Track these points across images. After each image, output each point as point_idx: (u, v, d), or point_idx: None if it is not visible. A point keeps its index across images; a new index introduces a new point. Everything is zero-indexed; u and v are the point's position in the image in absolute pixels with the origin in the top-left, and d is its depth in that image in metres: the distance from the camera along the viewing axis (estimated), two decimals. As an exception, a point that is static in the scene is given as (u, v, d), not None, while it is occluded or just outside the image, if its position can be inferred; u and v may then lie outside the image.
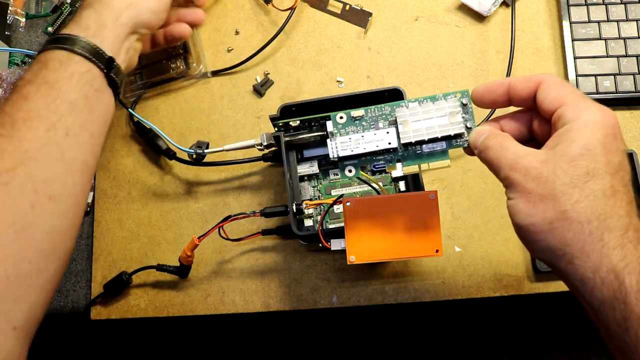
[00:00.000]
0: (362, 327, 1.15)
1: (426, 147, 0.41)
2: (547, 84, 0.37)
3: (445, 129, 0.40)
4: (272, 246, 0.58)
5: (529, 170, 0.34)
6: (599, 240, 0.32)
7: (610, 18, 0.61)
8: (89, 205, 0.60)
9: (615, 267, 0.31)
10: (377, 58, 0.64)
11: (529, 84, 0.38)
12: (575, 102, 0.35)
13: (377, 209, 0.42)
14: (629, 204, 0.33)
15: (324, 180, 0.54)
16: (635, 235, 0.32)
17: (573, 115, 0.34)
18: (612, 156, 0.33)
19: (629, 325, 0.31)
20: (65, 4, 0.68)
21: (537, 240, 0.34)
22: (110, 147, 0.63)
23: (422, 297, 0.56)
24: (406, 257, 0.43)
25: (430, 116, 0.41)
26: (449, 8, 0.65)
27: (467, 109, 0.41)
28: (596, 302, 0.32)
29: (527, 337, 1.14)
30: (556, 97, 0.36)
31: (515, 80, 0.38)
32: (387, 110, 0.41)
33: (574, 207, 0.32)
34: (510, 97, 0.39)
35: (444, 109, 0.40)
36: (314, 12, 0.66)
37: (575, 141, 0.33)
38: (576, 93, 0.36)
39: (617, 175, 0.33)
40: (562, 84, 0.37)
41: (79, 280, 0.59)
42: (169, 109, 0.64)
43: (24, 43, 0.67)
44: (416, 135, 0.40)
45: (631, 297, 0.31)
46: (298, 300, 0.57)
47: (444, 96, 0.41)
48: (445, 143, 0.41)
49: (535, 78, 0.38)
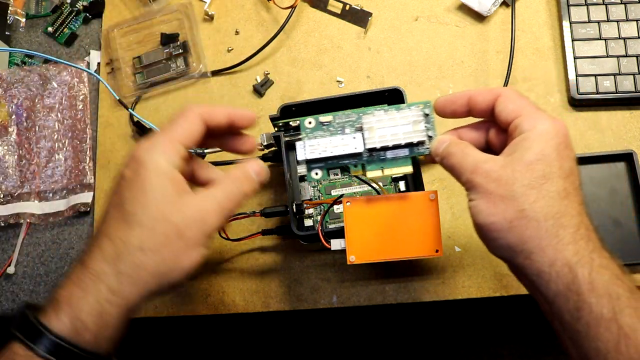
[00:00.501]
0: (362, 327, 1.15)
1: (390, 153, 0.43)
2: (505, 96, 0.40)
3: (408, 136, 0.42)
4: (272, 246, 0.58)
5: (490, 173, 0.37)
6: (554, 237, 0.35)
7: (610, 18, 0.61)
8: (89, 205, 0.60)
9: (569, 261, 0.34)
10: (377, 58, 0.64)
11: (488, 96, 0.41)
12: (531, 114, 0.38)
13: (377, 209, 0.42)
14: (580, 205, 0.36)
15: (324, 180, 0.54)
16: (586, 232, 0.35)
17: (529, 126, 0.37)
18: (565, 162, 0.36)
19: (581, 314, 0.33)
20: (65, 4, 0.68)
21: (497, 238, 0.36)
22: (110, 147, 0.63)
23: (422, 297, 0.56)
24: (406, 257, 0.43)
25: (395, 124, 0.42)
26: (449, 8, 0.65)
27: (429, 119, 0.42)
28: (551, 294, 0.35)
29: (527, 337, 1.14)
30: (513, 109, 0.39)
31: (476, 93, 0.41)
32: (354, 117, 0.43)
33: (532, 207, 0.35)
34: (470, 108, 0.42)
35: (407, 117, 0.42)
36: (314, 12, 0.66)
37: (531, 148, 0.36)
38: (532, 106, 0.39)
39: (569, 179, 0.36)
40: (519, 97, 0.40)
41: (79, 280, 0.59)
42: (169, 109, 0.64)
43: (24, 43, 0.67)
44: (381, 141, 0.42)
45: (583, 288, 0.33)
46: (298, 300, 0.57)
47: (409, 106, 0.43)
48: (408, 150, 0.43)
49: (494, 91, 0.41)
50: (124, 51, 0.65)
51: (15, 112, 0.64)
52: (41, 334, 0.34)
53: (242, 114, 0.44)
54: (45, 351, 0.34)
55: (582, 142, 0.59)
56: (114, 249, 0.36)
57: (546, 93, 0.61)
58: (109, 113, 0.64)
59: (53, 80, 0.65)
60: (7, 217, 0.60)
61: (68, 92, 0.64)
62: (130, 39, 0.65)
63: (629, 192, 0.57)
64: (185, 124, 0.40)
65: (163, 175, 0.38)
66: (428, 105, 0.43)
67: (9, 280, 0.60)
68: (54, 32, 0.67)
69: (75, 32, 0.68)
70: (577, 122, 0.60)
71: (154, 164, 0.38)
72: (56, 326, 0.35)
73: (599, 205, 0.57)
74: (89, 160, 0.62)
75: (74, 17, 0.68)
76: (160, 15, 0.65)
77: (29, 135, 0.63)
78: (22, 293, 0.60)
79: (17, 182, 0.62)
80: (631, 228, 0.56)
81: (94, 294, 0.36)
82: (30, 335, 0.35)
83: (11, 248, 0.61)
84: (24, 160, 0.63)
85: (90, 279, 0.36)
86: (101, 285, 0.36)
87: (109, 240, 0.37)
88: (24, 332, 0.35)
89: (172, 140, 0.39)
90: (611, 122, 0.60)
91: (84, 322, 0.35)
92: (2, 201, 0.61)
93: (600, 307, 0.33)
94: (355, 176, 0.48)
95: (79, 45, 0.67)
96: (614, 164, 0.58)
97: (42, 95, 0.64)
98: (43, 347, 0.34)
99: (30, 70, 0.65)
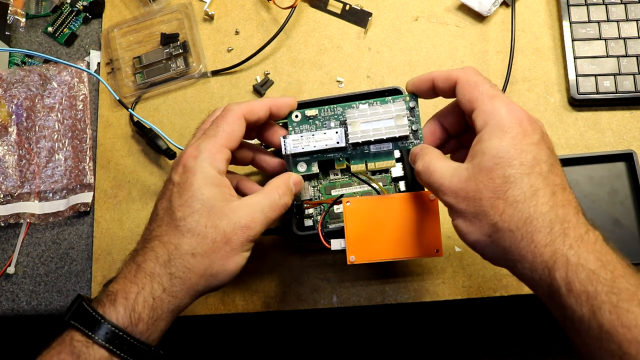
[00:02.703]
0: (362, 327, 1.15)
1: (373, 147, 0.43)
2: (461, 84, 0.38)
3: (391, 131, 0.41)
4: (272, 246, 0.58)
5: (457, 192, 0.36)
6: (530, 242, 0.34)
7: (610, 18, 0.61)
8: (89, 205, 0.60)
9: (547, 263, 0.33)
10: (377, 58, 0.64)
11: (447, 82, 0.39)
12: (482, 106, 0.37)
13: (377, 208, 0.42)
14: (552, 196, 0.34)
15: (324, 180, 0.54)
16: (560, 228, 0.34)
17: (481, 123, 0.36)
18: (525, 155, 0.35)
19: (566, 316, 0.33)
20: (65, 4, 0.68)
21: (487, 253, 0.36)
22: (110, 147, 0.63)
23: (422, 297, 0.56)
24: (406, 257, 0.43)
25: (379, 118, 0.42)
26: (449, 8, 0.65)
27: (414, 112, 0.42)
28: (543, 298, 0.35)
29: (527, 337, 1.14)
30: (469, 100, 0.38)
31: (437, 77, 0.40)
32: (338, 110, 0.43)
33: (502, 218, 0.34)
34: (435, 92, 0.41)
35: (391, 112, 0.42)
36: (314, 12, 0.66)
37: (487, 153, 0.35)
38: (484, 93, 0.37)
39: (533, 172, 0.35)
40: (473, 85, 0.38)
41: (79, 280, 0.59)
42: (169, 109, 0.64)
43: (24, 43, 0.67)
44: (364, 136, 0.42)
45: (562, 290, 0.32)
46: (298, 300, 0.57)
47: (393, 99, 0.43)
48: (392, 144, 0.42)
49: (452, 75, 0.39)
50: (124, 51, 0.65)
51: (15, 112, 0.64)
52: (99, 323, 0.36)
53: (283, 103, 0.44)
54: (103, 339, 0.36)
55: (582, 142, 0.59)
56: (167, 253, 0.39)
57: (546, 93, 0.61)
58: (109, 113, 0.64)
59: (53, 80, 0.65)
60: (7, 217, 0.60)
61: (68, 92, 0.64)
62: (130, 39, 0.65)
63: (629, 192, 0.57)
64: (228, 128, 0.42)
65: (210, 181, 0.40)
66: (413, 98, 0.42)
67: (9, 280, 0.60)
68: (54, 32, 0.67)
69: (75, 32, 0.68)
70: (577, 122, 0.60)
71: (201, 171, 0.40)
72: (113, 316, 0.37)
73: (599, 205, 0.57)
74: (89, 160, 0.62)
75: (74, 17, 0.68)
76: (160, 15, 0.65)
77: (29, 135, 0.63)
78: (22, 293, 0.60)
79: (17, 182, 0.62)
80: (631, 228, 0.56)
81: (149, 291, 0.38)
82: (88, 324, 0.37)
83: (11, 248, 0.61)
84: (24, 160, 0.63)
85: (145, 277, 0.38)
86: (155, 284, 0.38)
87: (161, 245, 0.39)
88: (82, 321, 0.37)
89: (217, 146, 0.41)
90: (611, 122, 0.60)
91: (139, 314, 0.37)
92: (2, 201, 0.61)
93: (579, 307, 0.32)
94: (356, 176, 0.48)
95: (79, 45, 0.67)
96: (614, 164, 0.58)
97: (42, 95, 0.64)
98: (101, 335, 0.36)
99: (30, 70, 0.65)
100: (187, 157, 0.41)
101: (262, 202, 0.41)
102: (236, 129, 0.42)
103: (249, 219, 0.40)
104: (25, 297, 0.59)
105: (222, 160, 0.41)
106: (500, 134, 0.35)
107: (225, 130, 0.41)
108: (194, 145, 0.41)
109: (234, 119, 0.42)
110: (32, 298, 0.59)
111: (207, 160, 0.40)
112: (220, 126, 0.42)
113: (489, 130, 0.36)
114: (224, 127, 0.42)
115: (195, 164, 0.40)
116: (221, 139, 0.41)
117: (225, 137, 0.41)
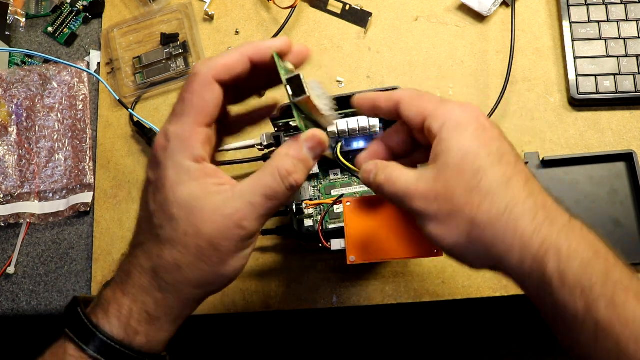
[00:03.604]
0: (362, 327, 1.15)
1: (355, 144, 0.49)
2: (405, 101, 0.36)
3: None
4: (272, 246, 0.58)
5: (427, 195, 0.33)
6: (515, 232, 0.31)
7: (610, 18, 0.61)
8: (89, 205, 0.60)
9: (537, 255, 0.31)
10: (377, 58, 0.64)
11: (389, 104, 0.37)
12: (435, 112, 0.34)
13: (377, 209, 0.42)
14: (527, 184, 0.32)
15: (324, 180, 0.54)
16: (544, 214, 0.31)
17: (438, 125, 0.34)
18: (490, 145, 0.33)
19: (558, 312, 0.31)
20: (65, 4, 0.68)
21: (468, 256, 0.34)
22: (110, 147, 0.63)
23: (422, 297, 0.56)
24: (406, 257, 0.43)
25: None
26: (449, 8, 0.65)
27: None
28: (532, 293, 0.32)
29: (527, 337, 1.14)
30: (417, 112, 0.35)
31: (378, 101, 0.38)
32: None
33: (480, 210, 0.32)
34: (377, 114, 0.38)
35: None
36: (314, 12, 0.66)
37: (451, 150, 0.33)
38: (432, 101, 0.35)
39: (503, 161, 0.33)
40: (418, 97, 0.36)
41: (79, 280, 0.59)
42: (169, 109, 0.63)
43: (24, 43, 0.67)
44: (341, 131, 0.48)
45: (555, 284, 0.30)
46: (298, 300, 0.57)
47: None
48: None
49: (393, 98, 0.37)
50: (124, 51, 0.65)
51: (15, 112, 0.64)
52: (93, 335, 0.33)
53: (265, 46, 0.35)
54: (95, 351, 0.33)
55: (582, 142, 0.59)
56: (150, 264, 0.34)
57: (546, 93, 0.61)
58: (109, 113, 0.64)
59: (53, 80, 0.65)
60: (7, 217, 0.60)
61: (68, 92, 0.64)
62: (130, 39, 0.65)
63: (629, 192, 0.57)
64: (197, 100, 0.34)
65: (186, 177, 0.33)
66: None
67: (9, 280, 0.60)
68: (54, 32, 0.67)
69: (75, 32, 0.68)
70: (577, 122, 0.60)
71: (173, 165, 0.33)
72: (107, 327, 0.34)
73: (599, 205, 0.57)
74: (89, 160, 0.62)
75: (74, 17, 0.68)
76: (160, 15, 0.65)
77: (29, 135, 0.63)
78: (22, 293, 0.60)
79: (17, 182, 0.62)
80: (631, 228, 0.56)
81: (141, 304, 0.34)
82: (82, 335, 0.34)
83: (11, 248, 0.61)
84: (24, 160, 0.63)
85: (136, 289, 0.34)
86: (146, 298, 0.34)
87: (144, 254, 0.34)
88: (76, 331, 0.34)
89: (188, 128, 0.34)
90: (611, 122, 0.60)
91: (135, 328, 0.34)
92: (2, 201, 0.61)
93: (573, 302, 0.30)
94: (356, 175, 0.48)
95: (79, 45, 0.67)
96: (614, 164, 0.58)
97: (42, 95, 0.64)
98: (93, 347, 0.33)
99: (30, 70, 0.65)
100: (157, 148, 0.34)
101: (256, 191, 0.33)
102: (208, 98, 0.34)
103: (239, 216, 0.33)
104: (25, 297, 0.59)
105: (198, 145, 0.33)
106: (461, 130, 0.33)
107: (194, 105, 0.34)
108: (162, 132, 0.34)
109: (202, 86, 0.34)
110: (32, 298, 0.59)
111: (178, 150, 0.33)
112: (187, 100, 0.34)
113: (447, 129, 0.34)
114: (191, 100, 0.34)
115: (165, 156, 0.33)
116: (191, 116, 0.34)
117: (195, 114, 0.34)
